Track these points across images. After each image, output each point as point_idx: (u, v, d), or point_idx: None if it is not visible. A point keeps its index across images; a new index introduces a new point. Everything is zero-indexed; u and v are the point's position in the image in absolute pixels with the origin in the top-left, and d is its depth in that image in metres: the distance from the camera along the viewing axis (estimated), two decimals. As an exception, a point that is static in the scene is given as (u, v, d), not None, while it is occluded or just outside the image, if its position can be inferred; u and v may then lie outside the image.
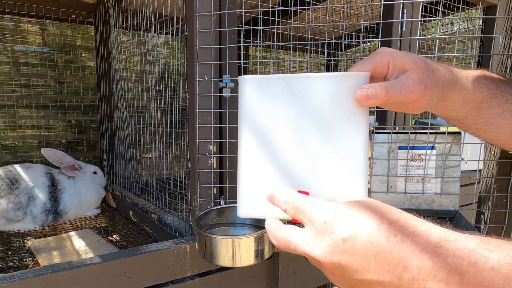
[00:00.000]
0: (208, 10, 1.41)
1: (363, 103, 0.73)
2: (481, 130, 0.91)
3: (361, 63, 0.78)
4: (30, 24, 2.74)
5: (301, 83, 0.75)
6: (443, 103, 0.86)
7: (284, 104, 0.75)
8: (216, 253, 1.21)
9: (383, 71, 0.78)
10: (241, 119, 0.77)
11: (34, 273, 1.21)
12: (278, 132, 0.76)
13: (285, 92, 0.75)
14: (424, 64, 0.79)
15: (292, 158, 0.76)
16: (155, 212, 1.94)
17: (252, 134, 0.77)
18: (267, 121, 0.76)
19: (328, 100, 0.74)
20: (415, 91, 0.76)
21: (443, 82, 0.81)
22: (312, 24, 1.56)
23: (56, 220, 2.28)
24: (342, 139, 0.75)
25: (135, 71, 2.29)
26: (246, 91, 0.76)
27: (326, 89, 0.74)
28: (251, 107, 0.76)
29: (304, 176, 0.76)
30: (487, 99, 0.86)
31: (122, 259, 1.35)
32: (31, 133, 2.82)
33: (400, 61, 0.78)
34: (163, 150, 2.06)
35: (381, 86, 0.73)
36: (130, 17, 2.07)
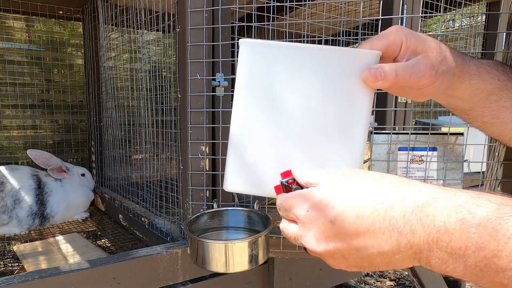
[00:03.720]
0: (201, 6, 1.41)
1: (370, 84, 0.73)
2: (487, 124, 0.90)
3: (375, 40, 0.77)
4: (15, 20, 2.74)
5: (307, 54, 0.73)
6: (451, 92, 0.86)
7: (285, 74, 0.74)
8: (209, 258, 1.22)
9: (395, 51, 0.77)
10: (238, 87, 0.76)
11: (20, 279, 1.21)
12: (275, 104, 0.75)
13: (288, 62, 0.74)
14: (438, 49, 0.78)
15: (287, 132, 0.75)
16: (145, 215, 1.94)
17: (248, 104, 0.76)
18: (265, 91, 0.75)
19: (333, 75, 0.74)
20: (426, 76, 0.76)
21: (454, 70, 0.80)
22: (309, 20, 1.56)
23: (43, 224, 2.28)
24: (342, 119, 0.75)
25: (125, 69, 2.29)
26: (246, 56, 0.75)
27: (333, 64, 0.73)
28: (249, 75, 0.75)
29: (299, 152, 0.76)
30: (497, 91, 0.86)
31: (111, 265, 1.35)
32: (16, 133, 2.82)
33: (413, 43, 0.77)
34: (154, 151, 2.06)
35: (391, 68, 0.73)
36: (120, 13, 2.07)
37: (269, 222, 1.30)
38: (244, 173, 0.77)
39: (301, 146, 0.76)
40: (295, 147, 0.76)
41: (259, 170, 0.77)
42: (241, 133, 0.76)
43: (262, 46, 0.74)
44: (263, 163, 0.76)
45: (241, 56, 0.75)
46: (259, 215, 1.37)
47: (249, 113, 0.76)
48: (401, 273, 3.39)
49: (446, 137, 1.56)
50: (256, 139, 0.76)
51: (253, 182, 0.77)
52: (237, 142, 0.77)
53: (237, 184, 0.78)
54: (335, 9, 2.36)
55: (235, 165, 0.77)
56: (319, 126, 0.75)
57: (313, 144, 0.76)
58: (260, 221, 1.36)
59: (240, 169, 0.77)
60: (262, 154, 0.76)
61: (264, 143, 0.76)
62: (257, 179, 0.77)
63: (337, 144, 0.76)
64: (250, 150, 0.76)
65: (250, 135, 0.76)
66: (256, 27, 1.48)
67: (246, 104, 0.75)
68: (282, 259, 1.60)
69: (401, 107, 1.84)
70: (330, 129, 0.76)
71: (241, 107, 0.76)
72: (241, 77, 0.75)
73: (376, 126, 1.71)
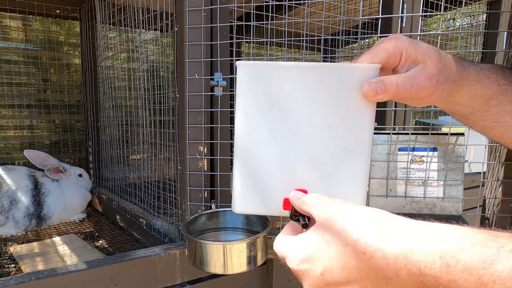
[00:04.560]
0: (199, 4, 1.41)
1: (371, 98, 0.73)
2: (488, 128, 0.90)
3: (374, 51, 0.77)
4: (12, 19, 2.74)
5: (307, 72, 0.73)
6: (450, 98, 0.86)
7: (286, 94, 0.74)
8: (207, 259, 1.22)
9: (394, 62, 0.77)
10: (238, 109, 0.76)
11: (17, 280, 1.21)
12: (279, 123, 0.75)
13: (287, 82, 0.74)
14: (438, 57, 0.78)
15: (292, 152, 0.76)
16: (143, 216, 1.94)
17: (250, 125, 0.76)
18: (268, 111, 0.75)
19: (334, 91, 0.73)
20: (426, 86, 0.76)
21: (454, 77, 0.80)
22: (308, 19, 1.56)
23: (40, 225, 2.27)
24: (346, 135, 0.75)
25: (123, 69, 2.29)
26: (244, 78, 0.75)
27: (334, 80, 0.73)
28: (249, 96, 0.75)
29: (304, 170, 0.76)
30: (497, 96, 0.86)
31: (109, 266, 1.35)
32: (13, 133, 2.81)
33: (413, 53, 0.76)
34: (152, 151, 2.06)
35: (391, 81, 0.73)
36: (117, 12, 2.07)
37: (267, 223, 1.30)
38: (252, 194, 0.78)
39: (308, 164, 0.76)
40: (302, 165, 0.76)
41: (267, 190, 0.78)
42: (247, 154, 0.77)
43: (259, 67, 0.74)
44: (272, 183, 0.77)
45: (239, 79, 0.75)
46: (258, 216, 1.37)
47: (254, 134, 0.76)
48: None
49: (446, 137, 1.56)
50: (264, 159, 0.77)
51: (262, 202, 0.78)
52: (244, 164, 0.77)
53: (247, 206, 0.79)
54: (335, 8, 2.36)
55: (243, 187, 0.78)
56: (323, 142, 0.76)
57: (319, 161, 0.76)
58: (259, 222, 1.37)
59: (248, 190, 0.78)
60: (270, 174, 0.77)
61: (272, 163, 0.77)
62: (266, 199, 0.78)
63: (342, 160, 0.77)
64: (257, 171, 0.77)
65: (257, 156, 0.77)
66: (254, 26, 1.48)
67: (250, 126, 0.76)
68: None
69: (401, 107, 1.85)
70: (335, 146, 0.76)
71: (245, 129, 0.76)
72: (241, 101, 0.76)
73: (376, 126, 1.70)
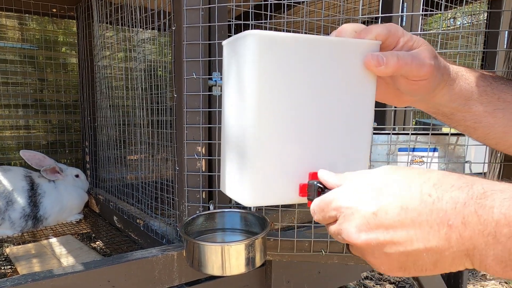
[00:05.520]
0: (197, 3, 1.41)
1: (372, 69, 0.75)
2: (471, 128, 0.91)
3: (375, 27, 0.78)
4: (8, 18, 2.74)
5: (315, 45, 0.72)
6: (431, 98, 0.87)
7: (294, 68, 0.71)
8: (205, 261, 1.22)
9: (393, 42, 0.79)
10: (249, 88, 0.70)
11: (13, 282, 1.21)
12: (289, 103, 0.72)
13: (297, 55, 0.71)
14: (430, 46, 0.80)
15: (304, 131, 0.74)
16: (140, 217, 1.94)
17: (263, 107, 0.70)
18: (278, 90, 0.71)
19: (338, 66, 0.74)
20: (426, 64, 0.77)
21: (442, 70, 0.82)
22: (307, 18, 1.56)
23: (36, 226, 2.28)
24: (351, 109, 0.76)
25: (120, 68, 2.29)
26: (255, 51, 0.68)
27: (338, 55, 0.74)
28: (261, 72, 0.69)
29: (315, 149, 0.75)
30: (476, 96, 0.87)
31: (106, 267, 1.35)
32: (9, 134, 2.81)
33: (410, 39, 0.79)
34: (149, 151, 2.06)
35: (392, 54, 0.75)
36: (115, 11, 2.07)
37: (266, 224, 1.30)
38: (267, 183, 0.73)
39: (318, 144, 0.75)
40: (312, 145, 0.75)
41: (282, 177, 0.74)
42: (260, 142, 0.71)
43: (274, 38, 0.69)
44: (286, 168, 0.74)
45: (249, 51, 0.69)
46: (256, 217, 1.37)
47: (266, 119, 0.71)
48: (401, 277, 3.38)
49: (447, 138, 1.56)
50: (276, 144, 0.72)
51: (277, 191, 0.74)
52: (257, 151, 0.71)
53: (262, 197, 0.74)
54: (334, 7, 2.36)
55: (256, 177, 0.72)
56: (331, 120, 0.75)
57: (327, 137, 0.76)
58: (257, 223, 1.37)
59: (262, 180, 0.73)
60: (283, 159, 0.73)
61: (285, 147, 0.73)
62: (280, 187, 0.74)
63: (347, 134, 0.77)
64: (271, 159, 0.72)
65: (270, 143, 0.72)
66: (253, 25, 1.48)
67: (261, 109, 0.70)
68: (280, 261, 1.60)
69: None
70: (341, 123, 0.76)
71: (257, 112, 0.70)
72: (251, 76, 0.70)
73: (376, 126, 1.71)
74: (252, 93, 0.70)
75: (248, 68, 0.70)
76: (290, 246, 1.50)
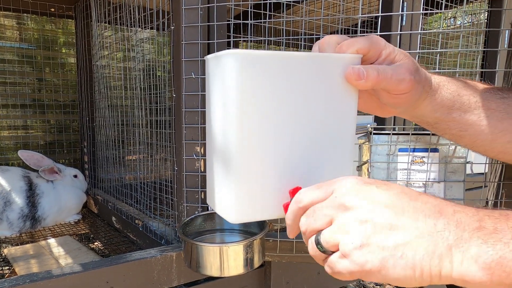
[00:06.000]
0: (196, 3, 1.41)
1: (353, 82, 0.75)
2: (457, 136, 0.92)
3: (357, 40, 0.79)
4: (6, 18, 2.74)
5: (295, 62, 0.73)
6: (413, 109, 0.89)
7: (276, 85, 0.72)
8: (203, 262, 1.22)
9: (374, 55, 0.80)
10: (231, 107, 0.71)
11: (11, 283, 1.21)
12: (271, 119, 0.73)
13: (279, 71, 0.72)
14: (412, 60, 0.81)
15: (287, 146, 0.75)
16: (139, 218, 1.94)
17: (246, 124, 0.71)
18: (262, 105, 0.72)
19: (318, 81, 0.75)
20: (406, 79, 0.78)
21: (424, 82, 0.83)
22: (306, 18, 1.56)
23: (34, 226, 2.28)
24: (332, 124, 0.77)
25: (118, 68, 2.29)
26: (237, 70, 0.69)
27: (317, 70, 0.75)
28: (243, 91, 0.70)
29: (297, 164, 0.76)
30: (459, 105, 0.88)
31: (104, 268, 1.35)
32: (7, 134, 2.81)
33: (392, 51, 0.80)
34: (148, 152, 2.06)
35: (372, 68, 0.76)
36: (113, 11, 2.07)
37: (264, 224, 1.30)
38: (251, 199, 0.74)
39: (301, 158, 0.76)
40: (296, 159, 0.76)
41: (266, 192, 0.74)
42: (244, 158, 0.72)
43: (252, 57, 0.70)
44: (270, 184, 0.74)
45: (230, 70, 0.70)
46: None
47: (250, 134, 0.71)
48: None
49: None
50: (260, 162, 0.73)
51: (262, 207, 0.75)
52: (241, 168, 0.72)
53: (247, 213, 0.75)
54: (334, 6, 2.36)
55: (240, 193, 0.73)
56: (314, 134, 0.76)
57: (309, 154, 0.76)
58: (256, 223, 1.37)
59: (246, 196, 0.73)
60: (268, 175, 0.74)
61: (269, 162, 0.73)
62: (265, 203, 0.74)
63: (329, 149, 0.78)
64: (255, 174, 0.73)
65: (254, 159, 0.72)
66: (252, 24, 1.48)
67: (244, 126, 0.71)
68: (279, 262, 1.60)
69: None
70: (324, 136, 0.77)
71: (239, 128, 0.71)
72: (233, 95, 0.70)
73: (375, 126, 1.70)
74: (235, 110, 0.71)
75: (229, 86, 0.71)
76: (289, 247, 1.50)
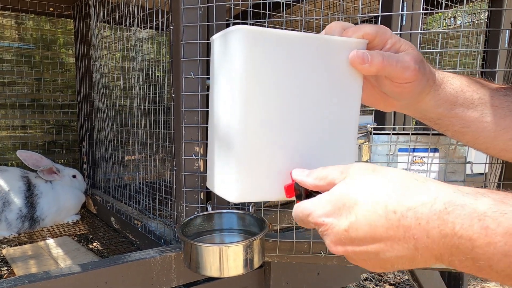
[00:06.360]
0: (195, 2, 1.41)
1: (357, 66, 0.76)
2: (459, 133, 0.92)
3: (364, 26, 0.80)
4: (4, 17, 2.74)
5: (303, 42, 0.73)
6: (416, 103, 0.89)
7: (282, 65, 0.72)
8: (202, 262, 1.22)
9: (380, 43, 0.80)
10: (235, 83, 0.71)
11: (9, 283, 1.21)
12: (276, 100, 0.73)
13: (285, 51, 0.72)
14: (418, 51, 0.82)
15: (291, 127, 0.75)
16: (138, 218, 1.94)
17: (250, 103, 0.71)
18: (265, 86, 0.72)
19: (325, 64, 0.75)
20: (411, 67, 0.79)
21: (428, 75, 0.83)
22: (306, 17, 1.57)
23: (33, 227, 2.28)
24: (337, 107, 0.78)
25: (117, 68, 2.29)
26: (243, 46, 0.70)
27: (325, 52, 0.75)
28: (248, 68, 0.70)
29: (301, 146, 0.76)
30: (462, 101, 0.88)
31: (103, 269, 1.35)
32: (6, 134, 2.81)
33: (398, 41, 0.81)
34: (147, 152, 2.06)
35: (378, 53, 0.77)
36: (112, 10, 2.07)
37: (264, 225, 1.30)
38: (253, 179, 0.74)
39: (304, 141, 0.76)
40: (299, 141, 0.76)
41: (268, 172, 0.75)
42: (247, 136, 0.72)
43: (262, 34, 0.71)
44: (273, 164, 0.75)
45: (237, 46, 0.70)
46: (255, 218, 1.37)
47: (255, 113, 0.72)
48: (401, 277, 3.39)
49: (448, 138, 1.56)
50: (263, 139, 0.73)
51: (263, 188, 0.75)
52: (243, 146, 0.72)
53: (248, 193, 0.75)
54: (333, 6, 2.36)
55: (242, 172, 0.73)
56: (317, 117, 0.77)
57: (312, 137, 0.77)
58: (256, 224, 1.37)
59: (248, 176, 0.73)
60: (270, 155, 0.74)
61: (271, 142, 0.74)
62: (266, 183, 0.75)
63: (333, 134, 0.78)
64: (258, 153, 0.73)
65: (257, 137, 0.73)
66: (252, 24, 1.48)
67: (249, 103, 0.71)
68: (278, 263, 1.61)
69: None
70: (327, 120, 0.77)
71: (243, 108, 0.71)
72: (238, 72, 0.70)
73: (375, 126, 1.70)
74: (240, 87, 0.71)
75: (236, 62, 0.71)
76: (289, 247, 1.50)
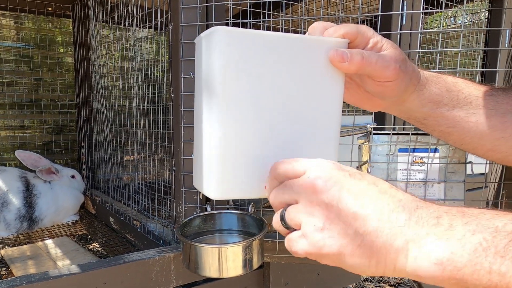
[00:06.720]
0: (194, 2, 1.41)
1: (336, 64, 0.76)
2: (446, 133, 0.93)
3: (345, 26, 0.80)
4: (3, 17, 2.73)
5: (281, 42, 0.74)
6: (401, 103, 0.89)
7: (262, 64, 0.74)
8: (201, 263, 1.22)
9: (362, 42, 0.81)
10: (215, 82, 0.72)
11: (8, 284, 1.21)
12: (255, 98, 0.74)
13: (264, 51, 0.73)
14: (400, 51, 0.82)
15: (270, 126, 0.76)
16: (137, 218, 1.94)
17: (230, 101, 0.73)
18: (244, 85, 0.73)
19: (305, 64, 0.76)
20: (391, 66, 0.79)
21: (411, 74, 0.84)
22: (306, 17, 1.57)
23: (31, 227, 2.28)
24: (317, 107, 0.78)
25: (116, 68, 2.29)
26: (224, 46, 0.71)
27: (304, 53, 0.76)
28: (228, 68, 0.72)
29: (281, 145, 0.77)
30: (447, 101, 0.89)
31: (102, 269, 1.35)
32: (4, 134, 2.81)
33: (380, 40, 0.81)
34: (146, 152, 2.06)
35: (357, 51, 0.77)
36: (111, 10, 2.07)
37: (264, 225, 1.30)
38: (233, 176, 0.75)
39: (285, 139, 0.77)
40: (279, 139, 0.77)
41: (248, 171, 0.76)
42: (226, 134, 0.73)
43: (238, 35, 0.72)
44: (252, 163, 0.76)
45: (215, 46, 0.72)
46: (254, 218, 1.37)
47: (234, 111, 0.73)
48: (401, 278, 3.39)
49: (447, 138, 1.56)
50: (243, 139, 0.75)
51: (244, 185, 0.76)
52: (223, 145, 0.74)
53: (229, 189, 0.76)
54: (333, 5, 2.36)
55: (223, 169, 0.74)
56: (297, 116, 0.77)
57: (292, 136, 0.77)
58: (255, 224, 1.36)
59: (228, 173, 0.75)
60: (249, 153, 0.75)
61: (250, 141, 0.75)
62: (247, 181, 0.76)
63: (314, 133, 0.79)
64: (238, 150, 0.74)
65: (237, 136, 0.74)
66: (251, 24, 1.48)
67: (227, 102, 0.73)
68: (278, 263, 1.60)
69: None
70: (308, 119, 0.78)
71: (224, 106, 0.73)
72: (217, 72, 0.72)
73: (375, 126, 1.70)
74: (218, 87, 0.72)
75: (215, 63, 0.72)
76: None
